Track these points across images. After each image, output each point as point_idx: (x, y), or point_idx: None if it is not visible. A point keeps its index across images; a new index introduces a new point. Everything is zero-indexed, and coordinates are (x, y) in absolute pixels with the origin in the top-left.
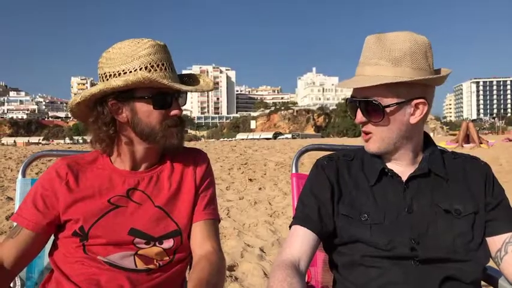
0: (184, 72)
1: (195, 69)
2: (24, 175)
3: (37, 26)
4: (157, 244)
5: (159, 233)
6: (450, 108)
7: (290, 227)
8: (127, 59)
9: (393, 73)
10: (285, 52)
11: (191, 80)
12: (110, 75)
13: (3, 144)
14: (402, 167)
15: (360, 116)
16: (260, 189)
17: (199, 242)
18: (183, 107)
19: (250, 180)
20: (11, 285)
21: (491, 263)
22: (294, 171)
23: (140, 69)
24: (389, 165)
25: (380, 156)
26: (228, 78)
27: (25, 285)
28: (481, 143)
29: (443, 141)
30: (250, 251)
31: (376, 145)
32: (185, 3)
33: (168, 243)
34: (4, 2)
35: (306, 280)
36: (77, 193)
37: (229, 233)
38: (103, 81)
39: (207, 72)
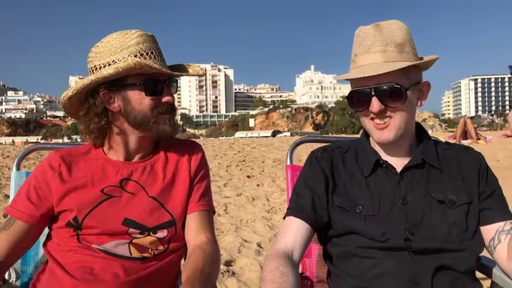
0: None
1: None
2: (18, 168)
3: (35, 25)
4: (151, 234)
5: (153, 223)
6: (448, 106)
7: (284, 217)
8: (116, 50)
9: (402, 58)
10: (283, 50)
11: (180, 70)
12: (100, 67)
13: (1, 143)
14: (397, 158)
15: (377, 104)
16: (258, 185)
17: (193, 233)
18: (183, 107)
19: (248, 177)
20: (6, 277)
21: (485, 253)
22: (288, 163)
23: (129, 56)
24: (384, 156)
25: (373, 148)
26: (226, 76)
27: (20, 278)
28: (479, 139)
29: (441, 137)
30: (247, 246)
31: (393, 132)
32: (182, 2)
33: (162, 233)
34: (3, 3)
35: (301, 271)
36: (70, 183)
37: (226, 229)
38: (93, 73)
39: (205, 70)
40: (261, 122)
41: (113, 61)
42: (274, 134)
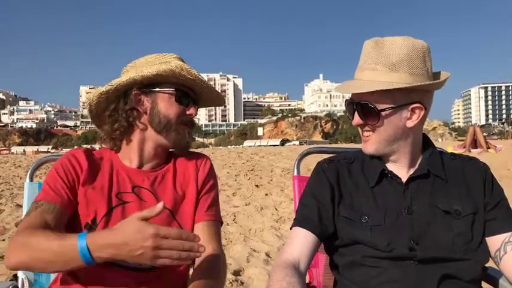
0: None
1: None
2: (32, 179)
3: (46, 36)
4: None
5: None
6: (458, 114)
7: (291, 228)
8: (153, 64)
9: (390, 78)
10: (292, 59)
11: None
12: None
13: (12, 153)
14: (402, 169)
15: (357, 119)
16: (266, 195)
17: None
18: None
19: (257, 186)
20: (19, 285)
21: (492, 264)
22: (295, 173)
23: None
24: (389, 166)
25: (380, 158)
26: (235, 85)
27: (33, 286)
28: (489, 148)
29: (450, 146)
30: (256, 255)
31: (373, 146)
32: (193, 13)
33: None
34: (14, 13)
35: (308, 281)
36: (91, 182)
37: (235, 238)
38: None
39: (214, 80)
40: (270, 131)
41: (154, 67)
42: (283, 143)
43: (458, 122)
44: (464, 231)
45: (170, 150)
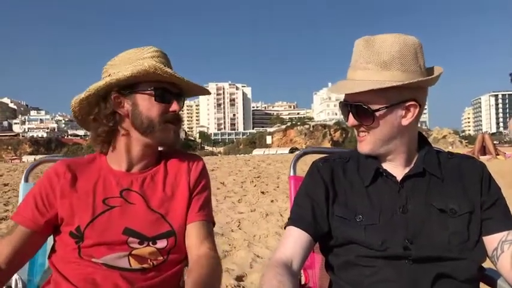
0: None
1: (211, 86)
2: (27, 180)
3: (58, 47)
4: (150, 244)
5: (153, 233)
6: (469, 122)
7: (285, 227)
8: (131, 61)
9: (382, 77)
10: (300, 68)
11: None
12: (114, 73)
13: (23, 162)
14: (397, 168)
15: (351, 120)
16: (272, 201)
17: (194, 244)
18: (202, 125)
19: (263, 193)
20: (13, 286)
21: (491, 265)
22: (291, 174)
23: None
24: (385, 165)
25: (375, 157)
26: (244, 94)
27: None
28: (498, 155)
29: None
30: (259, 261)
31: (369, 146)
32: (201, 22)
33: (162, 243)
34: (28, 23)
35: (304, 282)
36: (73, 192)
37: (239, 244)
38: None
39: (223, 88)
40: (279, 139)
41: (128, 68)
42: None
43: (469, 130)
44: (460, 230)
45: (160, 150)
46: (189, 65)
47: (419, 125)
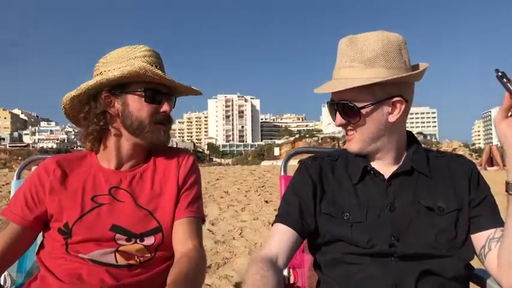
0: (209, 100)
1: (220, 98)
2: (19, 177)
3: (68, 58)
4: (138, 241)
5: (140, 230)
6: (479, 135)
7: (272, 224)
8: (122, 60)
9: (366, 74)
10: (309, 80)
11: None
12: (105, 72)
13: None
14: (385, 166)
15: (339, 119)
16: (275, 210)
17: (181, 240)
18: (210, 136)
19: (266, 202)
20: (2, 283)
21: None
22: (282, 173)
23: (136, 62)
24: (373, 164)
25: (364, 156)
26: (252, 106)
27: (14, 284)
28: (505, 166)
29: None
30: None
31: (357, 145)
32: (211, 33)
33: (149, 240)
34: (37, 34)
35: (293, 281)
36: (62, 189)
37: (240, 252)
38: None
39: (232, 100)
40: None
41: (119, 67)
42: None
43: (479, 143)
44: (448, 228)
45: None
46: (198, 77)
47: (428, 138)
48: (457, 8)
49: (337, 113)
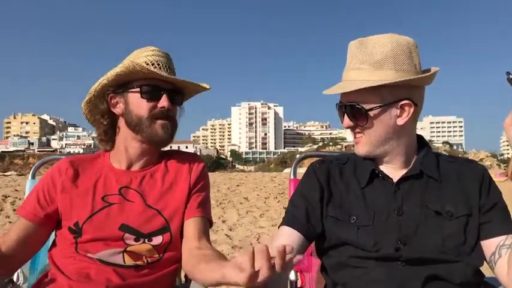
0: (233, 107)
1: (243, 106)
2: (34, 177)
3: (96, 65)
4: (146, 241)
5: (149, 230)
6: (508, 145)
7: (278, 227)
8: (128, 61)
9: (375, 76)
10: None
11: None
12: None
13: None
14: (394, 169)
15: (347, 121)
16: None
17: (192, 236)
18: (233, 143)
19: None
20: (15, 279)
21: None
22: (292, 177)
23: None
24: (382, 167)
25: (372, 159)
26: (275, 114)
27: (27, 281)
28: None
29: (492, 174)
30: None
31: (365, 148)
32: (235, 43)
33: (157, 240)
34: (66, 42)
35: (300, 285)
36: (74, 188)
37: None
38: None
39: (255, 108)
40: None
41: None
42: None
43: (508, 154)
44: (456, 233)
45: (163, 150)
46: (223, 84)
47: (454, 148)
48: (483, 13)
49: (345, 114)
